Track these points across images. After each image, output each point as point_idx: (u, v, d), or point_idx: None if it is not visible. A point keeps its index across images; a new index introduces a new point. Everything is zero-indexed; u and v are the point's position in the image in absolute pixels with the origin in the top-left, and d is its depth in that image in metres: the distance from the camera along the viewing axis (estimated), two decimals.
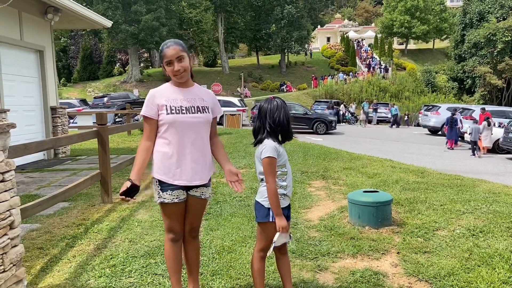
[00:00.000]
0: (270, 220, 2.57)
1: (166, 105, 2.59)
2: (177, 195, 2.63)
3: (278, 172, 2.58)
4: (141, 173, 2.58)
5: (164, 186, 2.60)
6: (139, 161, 2.58)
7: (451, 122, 15.09)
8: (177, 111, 2.59)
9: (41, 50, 9.38)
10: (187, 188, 2.66)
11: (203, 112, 2.67)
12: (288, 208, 2.68)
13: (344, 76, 45.47)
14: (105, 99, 26.92)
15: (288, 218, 2.69)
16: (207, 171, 2.72)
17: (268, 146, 2.53)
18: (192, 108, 2.64)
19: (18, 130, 8.38)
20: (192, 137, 2.62)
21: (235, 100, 22.21)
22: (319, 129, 19.30)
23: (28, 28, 8.83)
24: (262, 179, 2.62)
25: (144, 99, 3.18)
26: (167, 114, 2.57)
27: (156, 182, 2.62)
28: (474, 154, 13.34)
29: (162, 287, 3.11)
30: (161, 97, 2.62)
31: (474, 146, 13.47)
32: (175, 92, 2.65)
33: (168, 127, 2.59)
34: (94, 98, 30.65)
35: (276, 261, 2.78)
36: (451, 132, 15.08)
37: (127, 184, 2.50)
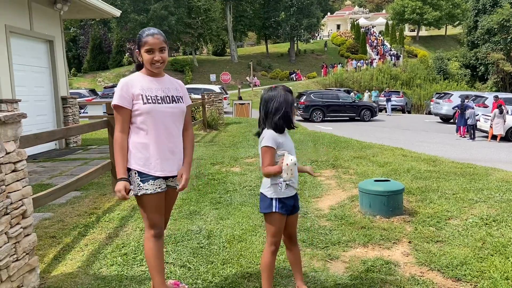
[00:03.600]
0: (273, 210, 2.54)
1: (142, 94, 2.52)
2: (159, 184, 2.56)
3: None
4: (126, 168, 2.52)
5: (144, 176, 2.52)
6: (123, 157, 2.50)
7: (461, 109, 14.96)
8: (153, 101, 2.53)
9: (51, 40, 9.41)
10: (165, 178, 2.63)
11: (178, 102, 2.64)
12: (295, 198, 2.65)
13: (358, 64, 44.85)
14: (115, 88, 26.95)
15: (296, 208, 2.68)
16: (181, 161, 2.68)
17: (267, 136, 2.50)
18: (167, 98, 2.60)
19: (30, 120, 8.44)
20: (169, 127, 2.58)
21: (216, 88, 22.23)
22: (365, 116, 20.04)
23: (38, 18, 8.84)
24: None
25: None
26: (144, 103, 2.50)
27: (135, 173, 2.52)
28: (472, 138, 14.14)
29: (174, 275, 3.12)
30: (135, 86, 2.52)
31: (472, 130, 14.26)
32: (149, 82, 2.58)
33: (145, 117, 2.51)
34: (104, 88, 30.81)
35: (286, 251, 2.77)
36: (461, 119, 14.96)
37: (126, 184, 2.45)
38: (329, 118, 19.60)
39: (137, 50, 2.59)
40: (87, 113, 17.01)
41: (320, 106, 19.44)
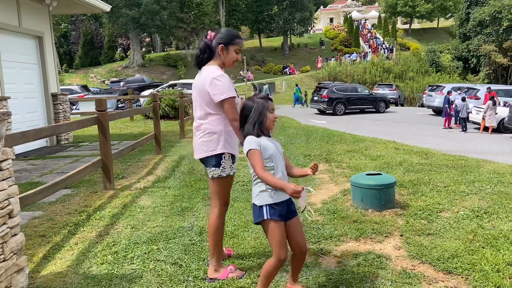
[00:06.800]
0: (265, 217, 2.46)
1: (235, 89, 2.86)
2: None
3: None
4: None
5: (233, 158, 2.93)
6: None
7: (444, 102, 15.35)
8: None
9: (40, 36, 9.29)
10: None
11: None
12: (289, 202, 2.56)
13: (350, 57, 44.77)
14: (121, 83, 27.39)
15: (293, 213, 2.59)
16: None
17: (249, 140, 2.48)
18: None
19: (20, 118, 8.36)
20: None
21: None
22: (380, 108, 20.78)
23: (27, 13, 8.71)
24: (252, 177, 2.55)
25: (158, 83, 3.39)
26: (238, 96, 2.87)
27: (229, 156, 2.88)
28: (464, 130, 14.14)
29: (165, 273, 3.10)
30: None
31: (464, 122, 14.32)
32: None
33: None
34: (111, 82, 31.45)
35: (294, 258, 2.68)
36: (444, 112, 15.30)
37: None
38: (349, 111, 19.92)
39: (222, 44, 2.84)
40: (78, 109, 16.89)
41: (342, 99, 19.70)
